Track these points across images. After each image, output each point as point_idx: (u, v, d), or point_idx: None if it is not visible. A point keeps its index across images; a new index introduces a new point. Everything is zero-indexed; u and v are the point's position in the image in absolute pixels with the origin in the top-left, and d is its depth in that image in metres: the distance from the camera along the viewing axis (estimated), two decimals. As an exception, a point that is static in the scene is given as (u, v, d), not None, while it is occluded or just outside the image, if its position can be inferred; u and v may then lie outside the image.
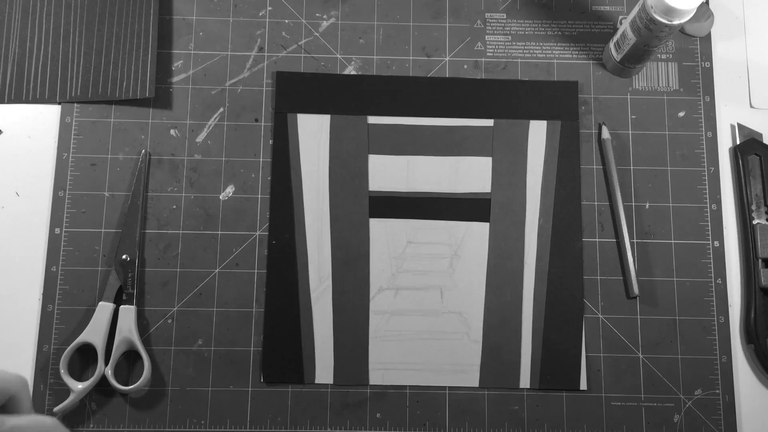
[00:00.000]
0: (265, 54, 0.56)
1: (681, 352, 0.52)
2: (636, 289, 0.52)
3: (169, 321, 0.52)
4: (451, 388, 0.52)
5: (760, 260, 0.53)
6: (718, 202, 0.54)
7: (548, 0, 0.58)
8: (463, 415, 0.51)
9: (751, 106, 0.57)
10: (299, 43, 0.57)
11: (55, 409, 0.49)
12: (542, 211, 0.54)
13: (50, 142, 0.55)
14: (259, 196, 0.54)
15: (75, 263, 0.53)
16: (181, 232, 0.53)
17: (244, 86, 0.56)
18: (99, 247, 0.53)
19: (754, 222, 0.53)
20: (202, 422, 0.51)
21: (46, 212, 0.53)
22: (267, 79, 0.56)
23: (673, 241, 0.54)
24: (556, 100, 0.55)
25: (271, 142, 0.55)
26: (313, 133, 0.55)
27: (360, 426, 0.51)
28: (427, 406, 0.51)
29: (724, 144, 0.56)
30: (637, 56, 0.53)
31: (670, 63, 0.57)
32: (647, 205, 0.54)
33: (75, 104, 0.55)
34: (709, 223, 0.54)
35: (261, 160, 0.55)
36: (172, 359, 0.51)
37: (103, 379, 0.50)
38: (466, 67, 0.56)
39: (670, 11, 0.47)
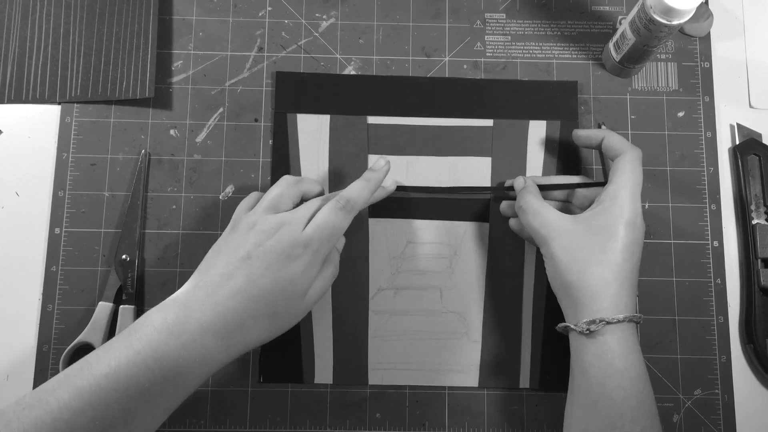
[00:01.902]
0: (265, 54, 0.56)
1: (680, 352, 0.52)
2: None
3: (169, 321, 0.52)
4: (450, 388, 0.52)
5: (759, 260, 0.53)
6: (718, 202, 0.54)
7: (547, 0, 0.58)
8: (463, 415, 0.51)
9: (751, 106, 0.57)
10: (299, 44, 0.57)
11: None
12: (542, 211, 0.54)
13: (50, 142, 0.55)
14: (259, 196, 0.54)
15: (75, 263, 0.53)
16: (180, 232, 0.53)
17: (243, 86, 0.56)
18: (99, 247, 0.53)
19: (754, 222, 0.53)
20: (202, 422, 0.51)
21: (46, 212, 0.53)
22: (267, 79, 0.56)
23: (672, 241, 0.54)
24: (555, 100, 0.56)
25: (270, 142, 0.55)
26: (313, 133, 0.55)
27: (359, 426, 0.51)
28: (426, 406, 0.52)
29: (724, 144, 0.56)
30: (636, 56, 0.53)
31: (669, 63, 0.57)
32: (646, 204, 0.54)
33: (75, 104, 0.55)
34: (709, 223, 0.54)
35: (261, 160, 0.55)
36: (172, 359, 0.51)
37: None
38: (465, 67, 0.57)
39: (669, 11, 0.47)
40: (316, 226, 0.44)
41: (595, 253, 0.44)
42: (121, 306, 0.51)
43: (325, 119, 0.55)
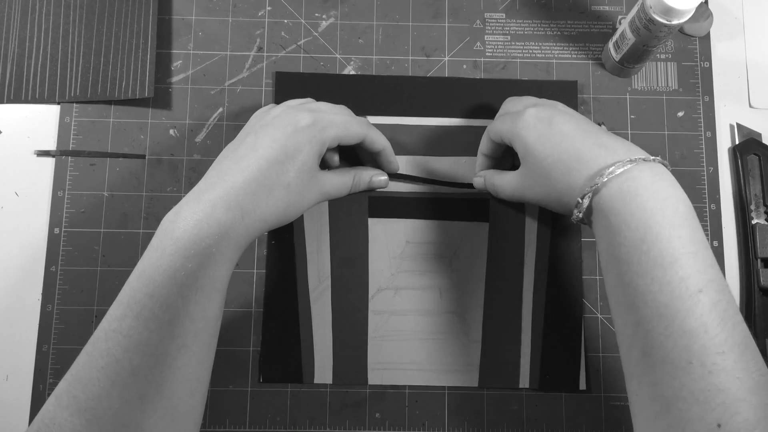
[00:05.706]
0: (265, 54, 0.56)
1: (680, 352, 0.52)
2: (635, 289, 0.52)
3: (169, 321, 0.52)
4: (450, 388, 0.52)
5: (759, 260, 0.53)
6: (717, 202, 0.54)
7: (547, 0, 0.58)
8: (462, 415, 0.51)
9: (750, 106, 0.57)
10: (298, 43, 0.57)
11: None
12: (541, 211, 0.54)
13: (49, 142, 0.55)
14: (259, 196, 0.54)
15: (74, 263, 0.53)
16: (180, 232, 0.53)
17: (243, 86, 0.56)
18: (98, 247, 0.53)
19: (753, 222, 0.53)
20: (202, 422, 0.51)
21: (46, 212, 0.53)
22: (266, 79, 0.56)
23: (672, 241, 0.54)
24: (555, 100, 0.55)
25: (270, 142, 0.55)
26: (313, 133, 0.55)
27: (359, 426, 0.51)
28: (426, 406, 0.52)
29: (723, 144, 0.56)
30: (636, 56, 0.53)
31: (669, 63, 0.57)
32: (646, 205, 0.54)
33: (74, 104, 0.55)
34: (708, 223, 0.54)
35: (260, 160, 0.55)
36: (172, 359, 0.51)
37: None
38: (465, 67, 0.56)
39: (669, 11, 0.47)
40: (321, 108, 0.47)
41: (556, 147, 0.43)
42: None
43: (324, 119, 0.55)
